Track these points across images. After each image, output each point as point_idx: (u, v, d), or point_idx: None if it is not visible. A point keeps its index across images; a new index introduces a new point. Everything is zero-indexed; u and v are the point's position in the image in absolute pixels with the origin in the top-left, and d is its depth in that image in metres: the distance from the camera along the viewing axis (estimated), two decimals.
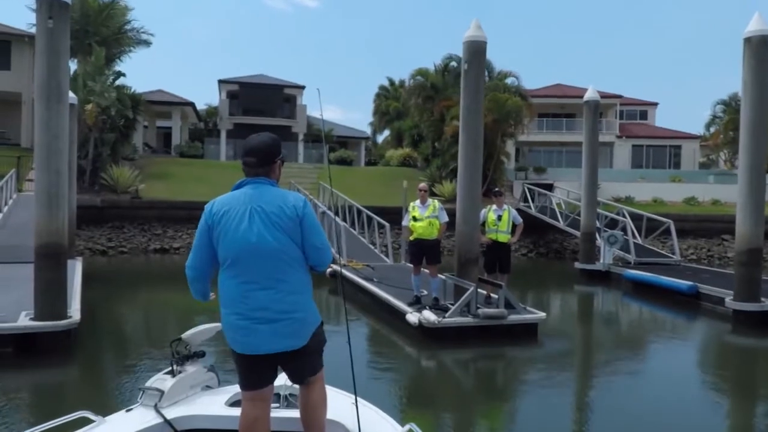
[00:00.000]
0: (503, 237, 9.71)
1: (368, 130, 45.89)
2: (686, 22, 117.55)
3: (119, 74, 24.20)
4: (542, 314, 8.96)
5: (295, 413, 2.95)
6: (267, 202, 2.73)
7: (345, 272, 12.88)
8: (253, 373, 2.77)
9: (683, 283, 12.46)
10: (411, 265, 9.68)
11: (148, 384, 3.17)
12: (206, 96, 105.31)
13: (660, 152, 38.04)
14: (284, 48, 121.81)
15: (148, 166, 26.23)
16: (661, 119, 45.01)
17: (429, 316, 8.32)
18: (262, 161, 2.81)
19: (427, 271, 9.46)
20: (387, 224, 15.15)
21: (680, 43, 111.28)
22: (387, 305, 9.91)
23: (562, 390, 6.92)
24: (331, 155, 34.22)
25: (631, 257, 16.00)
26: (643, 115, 42.26)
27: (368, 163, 39.38)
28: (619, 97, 37.87)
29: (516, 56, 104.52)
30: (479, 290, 8.85)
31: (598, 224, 17.18)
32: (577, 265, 16.77)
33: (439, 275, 9.36)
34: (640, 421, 5.63)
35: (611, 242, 15.93)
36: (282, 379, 3.03)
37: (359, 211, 17.69)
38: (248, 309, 2.68)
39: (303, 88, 38.62)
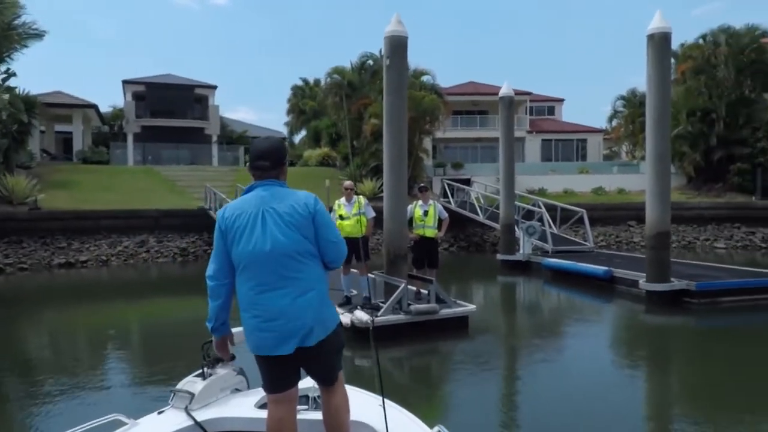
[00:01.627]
0: (430, 232, 9.72)
1: (284, 131, 45.17)
2: (588, 22, 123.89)
3: (10, 74, 22.40)
4: (472, 307, 9.04)
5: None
6: (279, 202, 2.76)
7: None
8: (276, 375, 2.78)
9: (599, 268, 13.00)
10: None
11: (178, 386, 3.19)
12: (110, 97, 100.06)
13: (568, 146, 39.80)
14: (192, 47, 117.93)
15: (48, 174, 24.53)
16: (568, 114, 47.21)
17: (361, 315, 8.18)
18: (274, 164, 2.84)
19: (356, 270, 9.32)
20: None
21: (583, 41, 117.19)
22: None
23: (496, 379, 7.03)
24: (247, 157, 33.37)
25: (549, 246, 16.55)
26: (551, 111, 44.07)
27: None
28: (529, 93, 39.29)
29: (429, 54, 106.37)
30: (409, 287, 8.81)
31: (516, 216, 17.67)
32: (499, 256, 17.17)
33: (369, 274, 9.24)
34: (568, 400, 5.92)
35: (530, 233, 16.42)
36: (310, 382, 3.04)
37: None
38: (265, 311, 2.70)
39: (215, 88, 37.44)
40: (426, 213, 9.69)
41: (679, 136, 25.24)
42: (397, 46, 9.15)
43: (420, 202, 9.82)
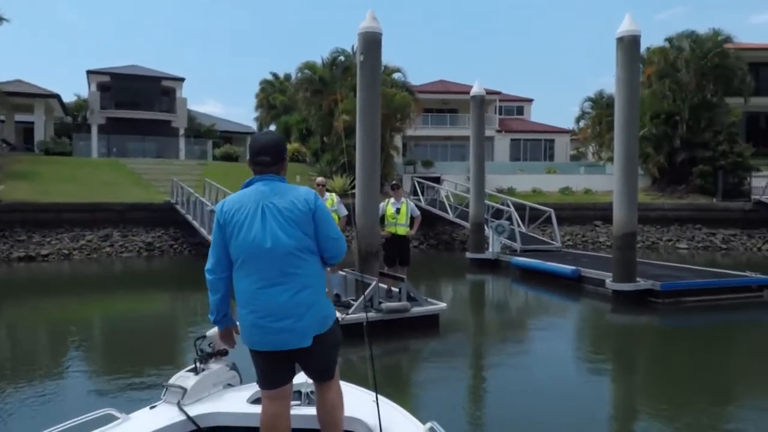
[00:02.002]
0: (402, 230, 9.71)
1: (254, 125, 44.66)
2: (557, 23, 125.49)
3: None
4: (443, 305, 9.06)
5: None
6: (279, 198, 2.74)
7: None
8: (272, 370, 2.76)
9: (567, 267, 13.18)
10: None
11: (171, 381, 3.18)
12: (74, 87, 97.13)
13: (536, 146, 40.28)
14: (159, 38, 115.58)
15: (7, 165, 23.78)
16: (536, 114, 47.75)
17: None
18: (274, 159, 2.82)
19: (327, 268, 9.22)
20: None
21: (552, 43, 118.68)
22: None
23: (471, 378, 7.08)
24: (216, 151, 32.91)
25: (517, 245, 16.72)
26: (520, 111, 44.53)
27: None
28: (498, 93, 39.60)
29: (399, 52, 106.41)
30: (380, 284, 8.78)
31: (485, 215, 17.80)
32: (468, 254, 17.27)
33: (340, 271, 9.19)
34: (538, 397, 6.02)
35: (499, 232, 16.56)
36: (303, 377, 3.05)
37: None
38: (263, 307, 2.67)
39: (182, 80, 36.80)
40: (398, 211, 9.67)
41: (644, 138, 25.70)
42: (372, 42, 9.10)
43: (392, 199, 9.80)
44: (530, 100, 45.69)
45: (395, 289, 9.31)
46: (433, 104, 38.46)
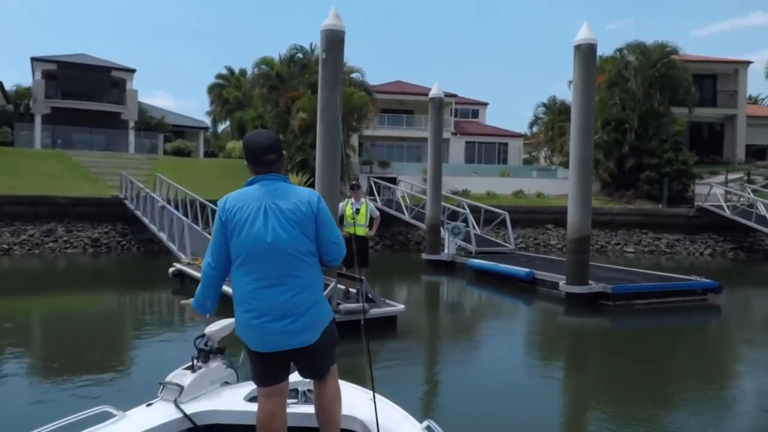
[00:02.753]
0: (361, 230, 9.62)
1: (207, 120, 43.75)
2: (512, 30, 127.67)
3: None
4: (401, 306, 9.02)
5: (313, 408, 2.94)
6: (282, 198, 2.73)
7: (191, 271, 12.04)
8: (268, 369, 2.76)
9: (521, 270, 13.36)
10: None
11: (168, 379, 3.17)
12: (16, 75, 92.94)
13: (490, 149, 40.84)
14: (109, 27, 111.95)
15: None
16: (491, 118, 48.32)
17: None
18: (278, 158, 2.83)
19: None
20: None
21: (507, 48, 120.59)
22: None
23: (424, 379, 7.04)
24: (167, 146, 32.06)
25: (472, 247, 16.87)
26: (475, 114, 45.07)
27: (208, 155, 37.49)
28: (455, 96, 39.94)
29: (353, 51, 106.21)
30: (338, 285, 8.68)
31: (441, 216, 17.91)
32: (424, 255, 17.34)
33: None
34: (493, 398, 6.17)
35: (455, 233, 16.67)
36: (300, 375, 3.03)
37: (203, 206, 16.68)
38: (261, 306, 2.67)
39: (133, 71, 35.69)
40: (357, 211, 9.58)
41: (596, 145, 26.31)
42: (334, 40, 9.00)
43: (351, 199, 9.71)
44: (485, 104, 46.31)
45: (353, 290, 9.23)
46: (390, 105, 38.50)
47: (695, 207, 24.08)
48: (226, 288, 2.90)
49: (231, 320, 3.37)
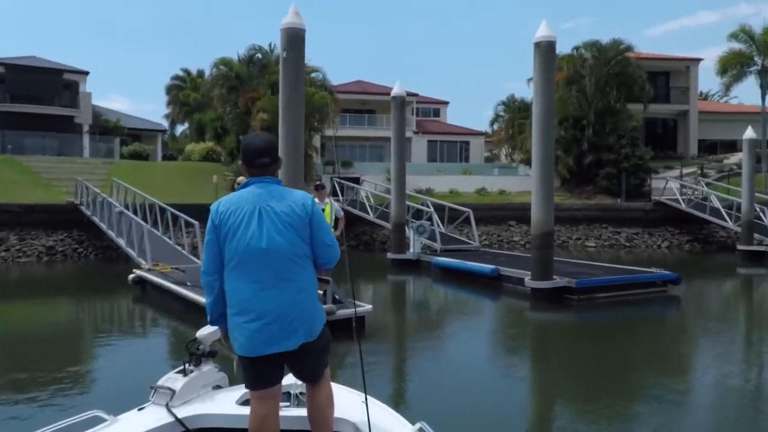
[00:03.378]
0: None
1: (164, 122, 42.88)
2: (471, 29, 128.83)
3: None
4: (369, 306, 8.95)
5: (305, 411, 2.93)
6: (276, 201, 2.73)
7: (152, 277, 11.74)
8: (261, 373, 2.73)
9: (486, 266, 13.44)
10: None
11: (159, 383, 3.17)
12: None
13: (452, 147, 41.12)
14: (61, 28, 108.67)
15: None
16: (452, 117, 48.74)
17: None
18: (272, 160, 2.82)
19: None
20: (196, 222, 14.11)
21: (467, 47, 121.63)
22: (206, 311, 9.15)
23: (393, 378, 7.00)
24: (124, 149, 31.26)
25: (438, 245, 16.92)
26: (436, 113, 45.33)
27: (167, 158, 36.75)
28: (416, 95, 40.09)
29: (314, 50, 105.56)
30: None
31: (406, 215, 17.91)
32: (389, 255, 17.31)
33: None
34: (460, 392, 6.26)
35: (420, 232, 16.69)
36: (292, 378, 3.04)
37: (162, 210, 16.29)
38: (256, 310, 2.65)
39: (86, 73, 34.70)
40: (322, 211, 9.47)
41: (555, 141, 26.84)
42: (295, 38, 8.86)
43: (316, 200, 9.56)
44: (446, 103, 46.62)
45: (320, 292, 9.11)
46: (351, 104, 38.40)
47: (652, 201, 24.70)
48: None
49: (214, 328, 3.35)
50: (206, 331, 3.34)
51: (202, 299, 9.31)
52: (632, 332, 9.65)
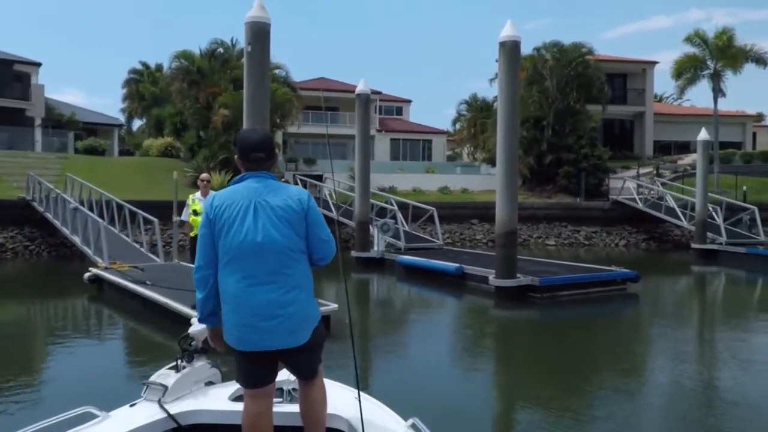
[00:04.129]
0: None
1: (121, 117, 41.76)
2: (433, 28, 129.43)
3: None
4: (334, 306, 8.85)
5: (298, 407, 2.92)
6: (272, 196, 2.71)
7: (109, 276, 11.37)
8: (256, 370, 2.72)
9: (450, 265, 13.48)
10: (192, 264, 8.79)
11: (151, 379, 3.15)
12: None
13: (415, 146, 41.24)
14: (11, 18, 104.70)
15: None
16: (415, 115, 48.91)
17: None
18: (268, 155, 2.81)
19: None
20: (155, 220, 13.74)
21: (429, 46, 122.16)
22: (166, 310, 8.90)
23: (365, 378, 6.93)
24: (79, 144, 30.30)
25: (402, 244, 16.91)
26: (399, 111, 45.40)
27: (124, 153, 35.79)
28: (379, 93, 40.04)
29: (276, 47, 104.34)
30: None
31: (370, 214, 17.84)
32: (353, 253, 17.21)
33: None
34: (425, 389, 6.32)
35: (384, 230, 16.64)
36: (285, 374, 3.03)
37: (119, 206, 15.82)
38: (251, 305, 2.62)
39: (39, 65, 33.52)
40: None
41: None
42: (260, 32, 8.69)
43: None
44: (409, 101, 46.72)
45: None
46: (314, 101, 38.09)
47: (610, 200, 25.25)
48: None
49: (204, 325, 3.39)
50: (198, 328, 3.30)
51: (162, 298, 9.07)
52: (594, 330, 9.82)
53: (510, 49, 11.52)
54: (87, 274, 12.06)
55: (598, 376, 7.10)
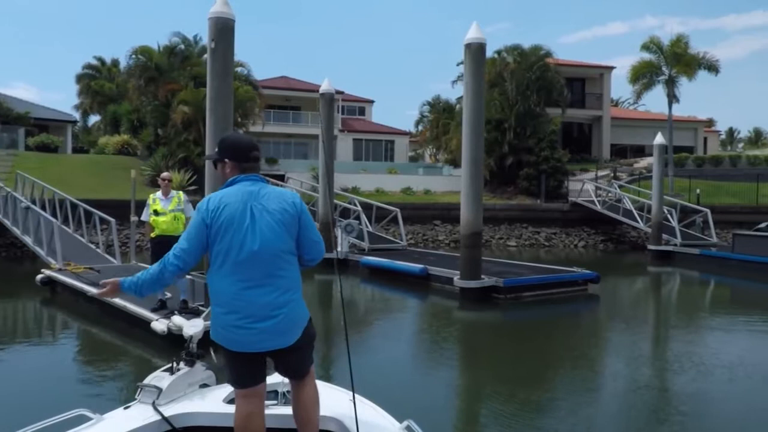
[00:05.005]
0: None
1: (75, 113, 40.47)
2: (395, 30, 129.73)
3: None
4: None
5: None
6: (266, 199, 2.73)
7: (62, 278, 10.96)
8: (247, 371, 2.74)
9: (415, 266, 13.47)
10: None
11: (146, 381, 3.15)
12: None
13: (377, 146, 41.23)
14: None
15: None
16: (377, 116, 48.90)
17: (180, 321, 7.40)
18: (258, 158, 2.86)
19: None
20: (112, 220, 13.31)
21: (391, 48, 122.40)
22: (124, 313, 8.62)
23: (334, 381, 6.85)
24: (30, 140, 29.19)
25: (365, 244, 16.83)
26: (362, 111, 45.32)
27: (77, 151, 34.67)
28: (341, 93, 39.87)
29: (237, 45, 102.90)
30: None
31: (334, 214, 17.71)
32: None
33: (187, 275, 8.45)
34: (390, 388, 6.33)
35: (348, 231, 16.52)
36: (279, 376, 3.03)
37: (74, 206, 15.28)
38: (246, 307, 2.64)
39: None
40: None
41: None
42: (224, 28, 8.48)
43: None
44: (371, 102, 46.67)
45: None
46: (276, 101, 37.69)
47: (569, 202, 25.70)
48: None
49: (202, 320, 3.54)
50: (193, 330, 3.34)
51: (119, 301, 8.74)
52: (557, 330, 9.96)
53: (475, 51, 11.57)
54: (39, 276, 11.61)
55: (562, 374, 7.23)
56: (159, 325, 7.55)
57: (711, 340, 9.31)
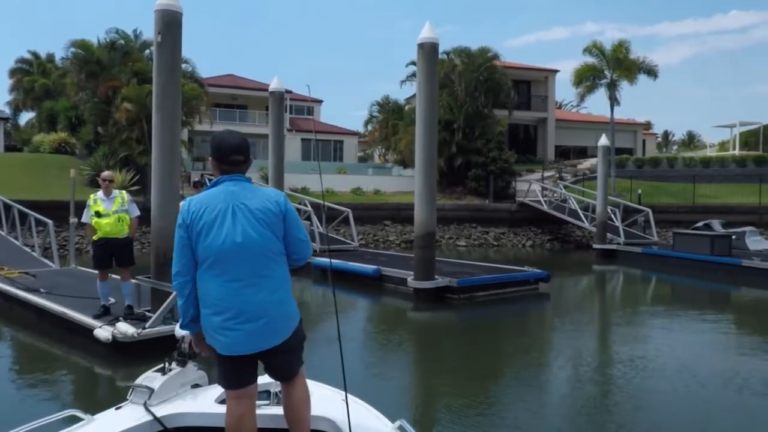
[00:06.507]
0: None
1: (7, 110, 38.50)
2: (343, 29, 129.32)
3: None
4: None
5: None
6: (250, 198, 2.71)
7: None
8: (237, 372, 2.72)
9: (368, 267, 13.35)
10: (94, 270, 8.12)
11: (137, 381, 3.13)
12: None
13: (326, 146, 40.88)
14: None
15: None
16: (326, 116, 48.56)
17: (125, 328, 7.06)
18: (245, 158, 2.81)
19: (116, 276, 8.07)
20: (49, 221, 12.62)
21: (339, 48, 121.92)
22: (64, 320, 8.14)
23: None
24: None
25: (317, 245, 16.58)
26: (310, 111, 44.83)
27: (9, 149, 32.94)
28: (290, 92, 39.33)
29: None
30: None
31: None
32: None
33: (132, 279, 8.07)
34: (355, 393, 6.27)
35: None
36: (269, 376, 2.97)
37: (7, 206, 14.45)
38: (234, 308, 2.62)
39: None
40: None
41: None
42: (171, 21, 8.13)
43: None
44: (320, 101, 46.28)
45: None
46: (222, 99, 36.88)
47: (517, 202, 26.11)
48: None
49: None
50: (187, 331, 3.23)
51: (58, 308, 8.28)
52: (510, 328, 10.12)
53: (429, 50, 11.56)
54: None
55: (511, 372, 7.42)
56: (103, 332, 7.15)
57: (653, 336, 9.60)
